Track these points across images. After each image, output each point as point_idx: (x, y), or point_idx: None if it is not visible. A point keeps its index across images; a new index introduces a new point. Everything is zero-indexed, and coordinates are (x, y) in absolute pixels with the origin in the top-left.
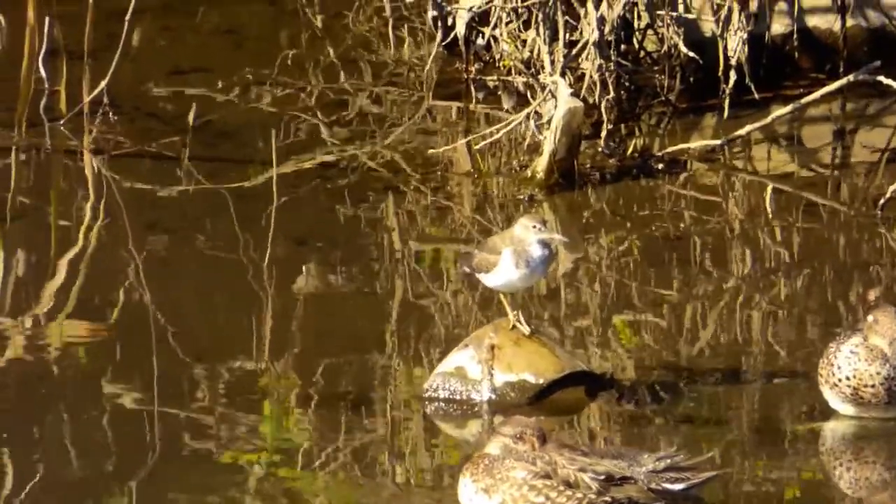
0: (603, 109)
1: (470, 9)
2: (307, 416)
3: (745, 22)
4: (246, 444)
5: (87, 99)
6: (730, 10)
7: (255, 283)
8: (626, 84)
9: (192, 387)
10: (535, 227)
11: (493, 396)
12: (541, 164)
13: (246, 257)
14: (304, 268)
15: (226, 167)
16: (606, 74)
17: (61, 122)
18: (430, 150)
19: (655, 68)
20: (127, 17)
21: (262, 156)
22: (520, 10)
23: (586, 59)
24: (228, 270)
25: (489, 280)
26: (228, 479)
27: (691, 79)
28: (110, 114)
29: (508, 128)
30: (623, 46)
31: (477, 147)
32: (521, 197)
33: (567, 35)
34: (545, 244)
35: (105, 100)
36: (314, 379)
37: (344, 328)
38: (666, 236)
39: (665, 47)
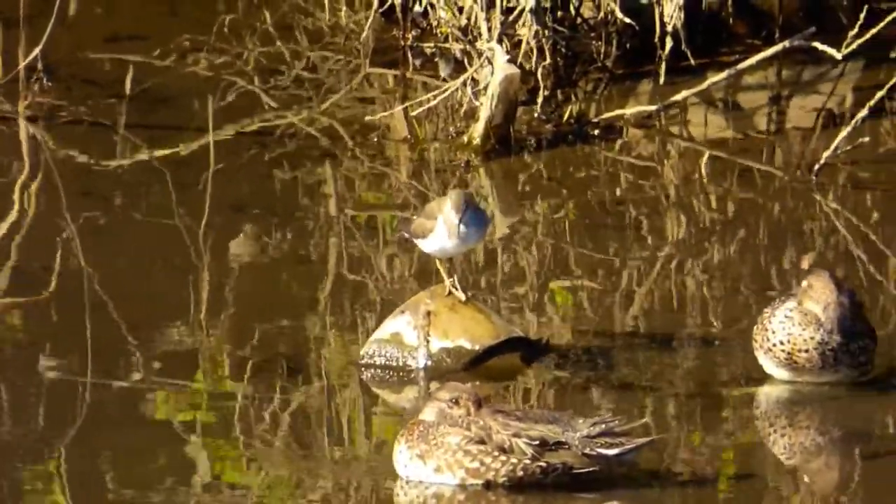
0: (539, 76)
1: None
2: (242, 383)
3: None
4: (180, 411)
5: (21, 65)
6: None
7: (191, 250)
8: (563, 50)
9: (127, 354)
10: (446, 208)
11: (429, 363)
12: (477, 130)
13: (182, 224)
14: (240, 234)
15: (163, 134)
16: (543, 41)
17: None
18: (367, 117)
19: (592, 35)
20: None
21: (198, 122)
22: None
23: (523, 25)
24: (165, 237)
25: (425, 245)
26: (162, 447)
27: (627, 45)
28: (44, 80)
29: (445, 94)
30: (559, 13)
31: (414, 114)
32: (458, 163)
33: (504, 2)
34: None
35: (39, 66)
36: (250, 346)
37: (280, 295)
38: (602, 202)
39: (601, 14)
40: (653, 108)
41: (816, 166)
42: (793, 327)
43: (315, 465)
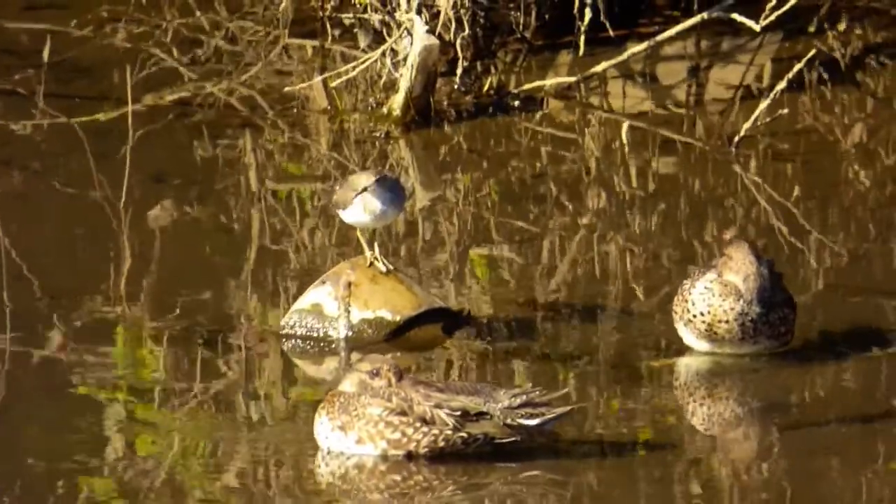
0: (458, 47)
1: None
2: (163, 353)
3: None
4: (102, 380)
5: None
6: None
7: (111, 220)
8: (482, 21)
9: (46, 324)
10: (354, 191)
11: (350, 333)
12: (397, 101)
13: (101, 194)
14: (159, 204)
15: (81, 104)
16: (462, 12)
17: None
18: (287, 88)
19: (511, 5)
20: None
21: (117, 92)
22: None
23: None
24: (84, 207)
25: (345, 216)
26: (84, 417)
27: (546, 16)
28: None
29: (364, 65)
30: None
31: (333, 85)
32: (378, 134)
33: None
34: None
35: None
36: (170, 315)
37: (201, 265)
38: (522, 174)
39: None
40: (572, 79)
41: (736, 138)
42: (713, 298)
43: (234, 436)
